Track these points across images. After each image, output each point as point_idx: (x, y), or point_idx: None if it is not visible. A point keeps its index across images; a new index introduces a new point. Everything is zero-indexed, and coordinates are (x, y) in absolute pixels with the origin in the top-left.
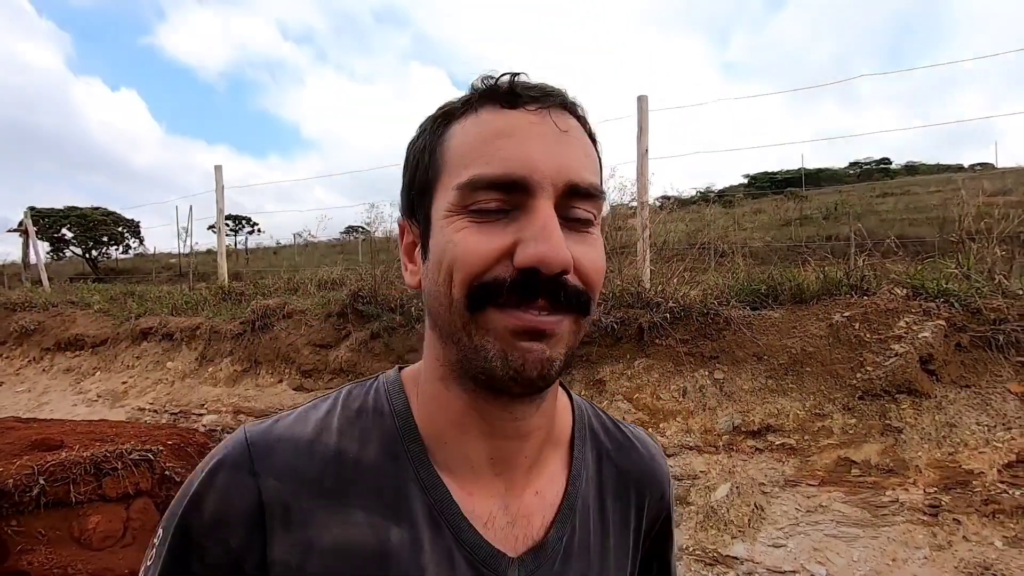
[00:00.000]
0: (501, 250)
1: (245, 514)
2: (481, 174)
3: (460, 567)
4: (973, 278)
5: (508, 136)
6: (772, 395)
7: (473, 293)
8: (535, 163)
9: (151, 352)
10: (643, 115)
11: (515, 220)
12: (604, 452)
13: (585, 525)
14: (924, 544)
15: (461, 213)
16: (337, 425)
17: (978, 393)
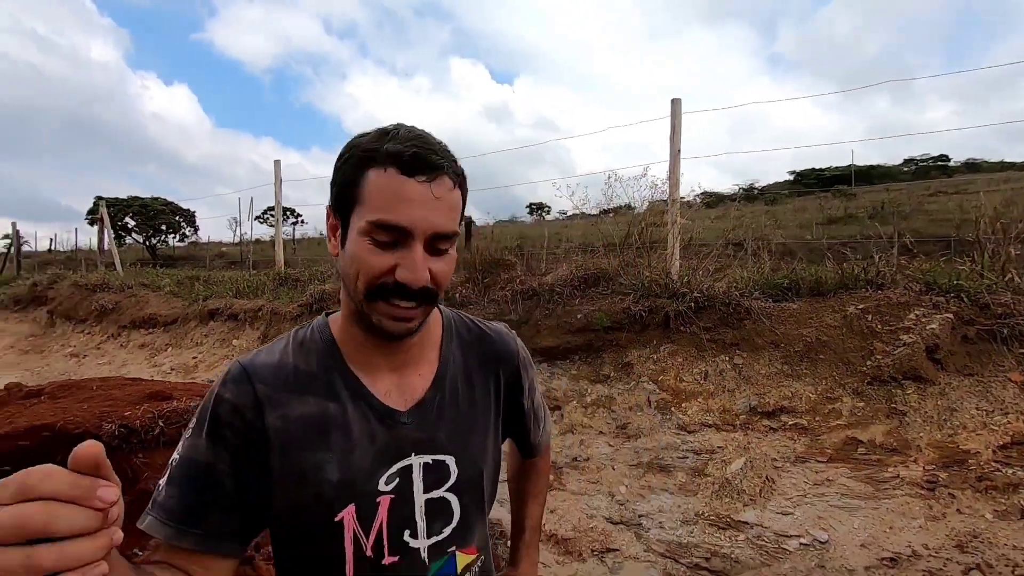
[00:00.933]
0: (388, 267)
1: (250, 403)
2: (383, 219)
3: (372, 419)
4: (986, 275)
5: (403, 200)
6: (787, 379)
7: (369, 291)
8: (416, 222)
9: (217, 331)
10: (676, 117)
11: (399, 249)
12: (465, 343)
13: (454, 390)
14: (920, 515)
15: (367, 236)
16: (291, 351)
17: (980, 381)
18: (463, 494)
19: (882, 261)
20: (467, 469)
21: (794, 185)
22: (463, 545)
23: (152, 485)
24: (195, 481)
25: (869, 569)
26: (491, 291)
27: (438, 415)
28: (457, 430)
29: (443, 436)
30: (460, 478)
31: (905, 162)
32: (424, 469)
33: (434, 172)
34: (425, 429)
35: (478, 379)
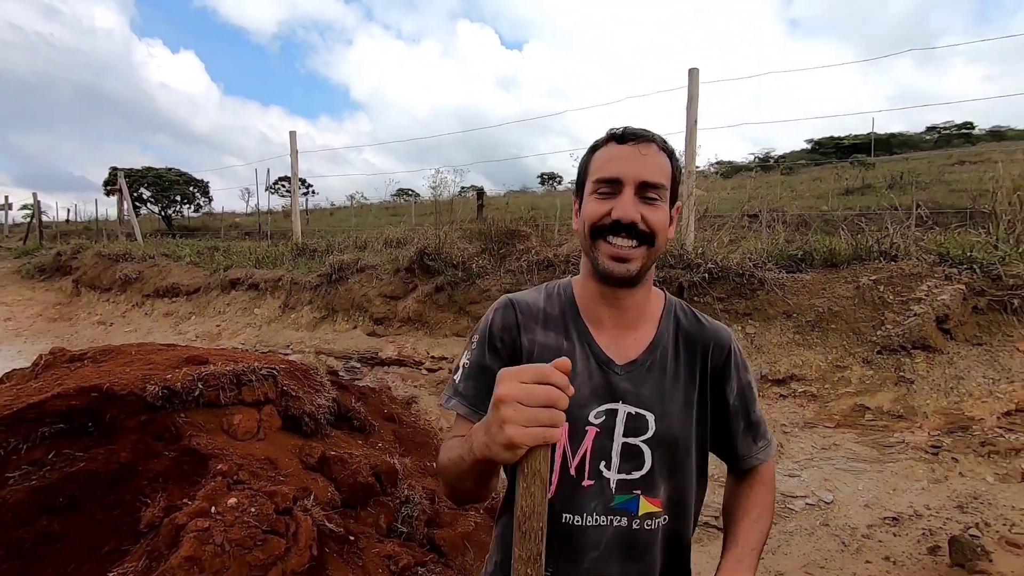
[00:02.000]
0: (606, 211)
1: (514, 324)
2: (600, 176)
3: (592, 362)
4: (1000, 247)
5: (616, 159)
6: (798, 348)
7: (593, 230)
8: (624, 172)
9: (239, 300)
10: (694, 87)
11: (614, 198)
12: (680, 324)
13: (664, 359)
14: (923, 478)
15: (592, 195)
16: (543, 298)
17: (988, 350)
18: (656, 448)
19: (896, 232)
20: (663, 427)
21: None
22: (648, 493)
23: (195, 443)
24: (481, 378)
25: (871, 527)
26: (507, 261)
27: (646, 375)
28: (660, 393)
29: (647, 394)
30: (656, 433)
31: (927, 130)
32: (627, 417)
33: (640, 138)
34: (634, 383)
35: (686, 357)
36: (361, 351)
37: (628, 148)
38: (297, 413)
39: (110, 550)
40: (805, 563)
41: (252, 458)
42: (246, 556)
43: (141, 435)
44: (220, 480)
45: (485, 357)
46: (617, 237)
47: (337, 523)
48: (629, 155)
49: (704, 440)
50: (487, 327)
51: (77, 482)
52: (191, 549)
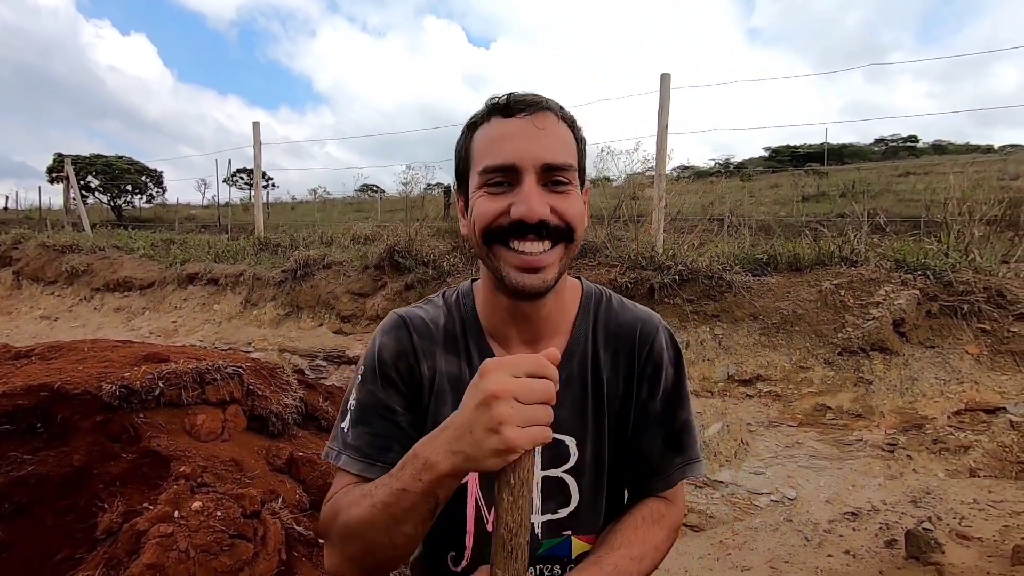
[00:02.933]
0: (502, 209)
1: (410, 350)
2: (489, 164)
3: None
4: (951, 254)
5: (505, 138)
6: (764, 350)
7: (486, 235)
8: (521, 155)
9: (197, 295)
10: (666, 92)
11: (512, 190)
12: (599, 322)
13: (582, 369)
14: (880, 474)
15: (481, 188)
16: (442, 313)
17: (940, 353)
18: (581, 477)
19: (856, 239)
20: (587, 452)
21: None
22: (580, 532)
23: (155, 444)
24: (376, 420)
25: (832, 522)
26: (478, 260)
27: (562, 393)
28: (580, 411)
29: (565, 416)
30: (580, 460)
31: (876, 142)
32: (543, 447)
33: (534, 107)
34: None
35: (607, 359)
36: (327, 349)
37: (519, 122)
38: (264, 413)
39: (63, 558)
40: (770, 558)
41: (217, 460)
42: (212, 562)
43: (96, 436)
44: (183, 483)
45: (379, 393)
46: (523, 241)
47: (306, 526)
48: (522, 131)
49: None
50: (375, 356)
51: (26, 486)
52: (153, 556)
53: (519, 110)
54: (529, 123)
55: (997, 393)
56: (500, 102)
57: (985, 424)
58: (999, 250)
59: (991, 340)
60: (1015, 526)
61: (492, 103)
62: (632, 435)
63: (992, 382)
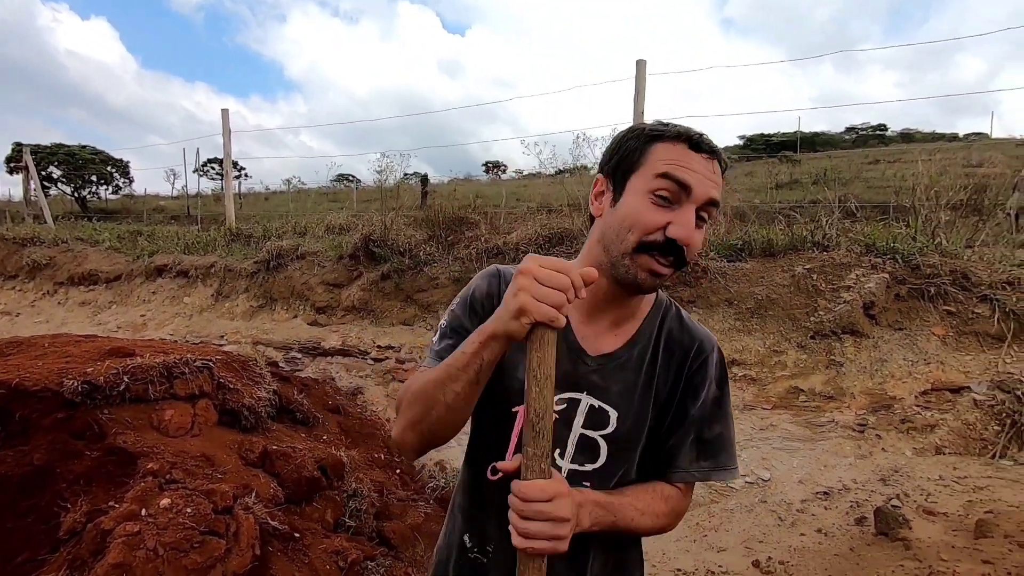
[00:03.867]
0: (663, 223)
1: (496, 292)
2: (672, 172)
3: (563, 348)
4: (918, 238)
5: (692, 165)
6: (739, 334)
7: (641, 243)
8: (698, 184)
9: (167, 288)
10: (641, 79)
11: (673, 210)
12: (665, 326)
13: (640, 358)
14: (850, 454)
15: (648, 193)
16: None
17: (908, 335)
18: (613, 445)
19: (828, 224)
20: (625, 427)
21: (743, 150)
22: (598, 486)
23: (121, 441)
24: (456, 337)
25: (805, 502)
26: (455, 249)
27: (618, 371)
28: (628, 392)
29: (615, 390)
30: (616, 431)
31: (847, 130)
32: (589, 409)
33: (714, 154)
34: (603, 377)
35: (664, 358)
36: (302, 341)
37: (703, 160)
38: (235, 407)
39: (24, 560)
40: (745, 539)
41: (186, 456)
42: (182, 560)
43: (58, 434)
44: (151, 480)
45: (463, 319)
46: (664, 258)
47: (281, 520)
48: (703, 167)
49: (657, 441)
50: (471, 292)
51: None
52: (119, 555)
53: (705, 152)
54: (708, 165)
55: (962, 373)
56: (693, 136)
57: (950, 403)
58: (964, 234)
59: (956, 321)
60: (978, 500)
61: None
62: (666, 429)
63: (957, 362)
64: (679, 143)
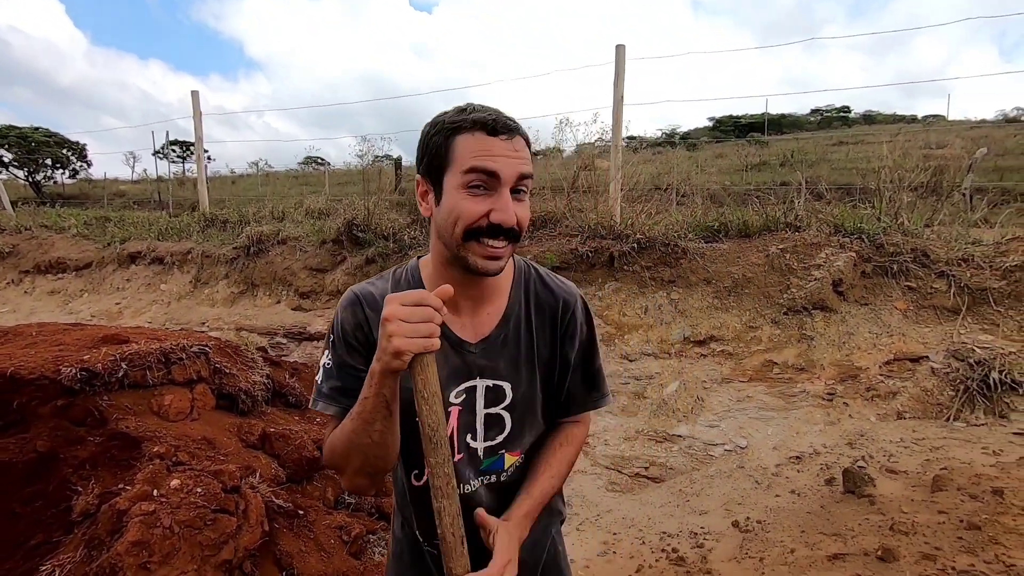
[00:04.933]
0: (484, 211)
1: (364, 321)
2: (478, 165)
3: (447, 346)
4: (882, 219)
5: (491, 152)
6: (716, 312)
7: (467, 232)
8: (504, 168)
9: (141, 275)
10: (620, 63)
11: (490, 196)
12: (530, 292)
13: (516, 329)
14: (820, 421)
15: (463, 188)
16: (390, 286)
17: (873, 309)
18: (514, 412)
19: (800, 206)
20: (519, 395)
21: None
22: (510, 449)
23: (123, 427)
24: (342, 375)
25: (779, 466)
26: (433, 238)
27: (501, 348)
28: (514, 364)
29: (503, 366)
30: (513, 400)
31: (812, 112)
32: (486, 390)
33: (512, 132)
34: (489, 358)
35: (537, 322)
36: (287, 326)
37: (502, 142)
38: (232, 391)
39: (39, 543)
40: (725, 502)
41: (188, 439)
42: (197, 537)
43: (58, 421)
44: (158, 463)
45: (345, 357)
46: (495, 240)
47: (284, 499)
48: (504, 150)
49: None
50: (340, 328)
51: None
52: (138, 533)
53: (502, 132)
54: (509, 145)
55: (921, 344)
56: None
57: (910, 372)
58: (924, 214)
59: (916, 296)
60: (935, 459)
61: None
62: (559, 379)
63: (917, 334)
64: (477, 131)
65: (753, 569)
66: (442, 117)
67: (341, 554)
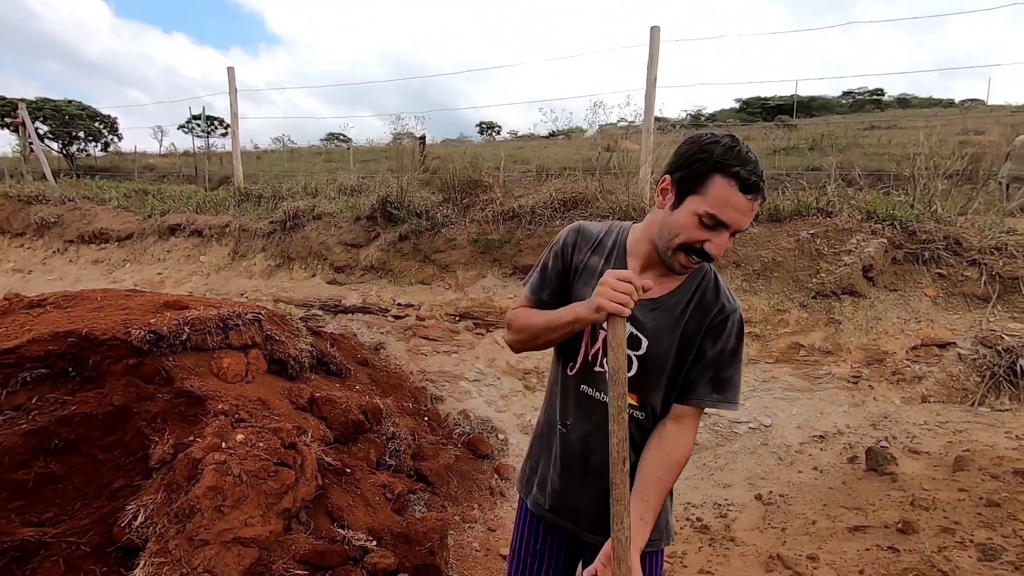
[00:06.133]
0: (702, 240)
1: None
2: (717, 215)
3: None
4: (916, 206)
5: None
6: (745, 294)
7: (680, 247)
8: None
9: (181, 247)
10: (654, 45)
11: (713, 231)
12: (700, 288)
13: (674, 308)
14: (845, 403)
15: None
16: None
17: (902, 295)
18: (641, 363)
19: (833, 192)
20: (651, 352)
21: (739, 113)
22: (630, 391)
23: (188, 386)
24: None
25: (802, 444)
26: (471, 211)
27: (655, 312)
28: (659, 329)
29: (650, 326)
30: (645, 353)
31: (844, 94)
32: (630, 335)
33: (758, 194)
34: (643, 315)
35: (693, 311)
36: (323, 299)
37: (746, 202)
38: (283, 356)
39: (121, 486)
40: (748, 476)
41: (245, 399)
42: (262, 486)
43: (130, 379)
44: (223, 419)
45: (550, 261)
46: (697, 258)
47: (333, 457)
48: (743, 208)
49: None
50: (560, 242)
51: (71, 425)
52: (213, 480)
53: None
54: (750, 205)
55: (949, 330)
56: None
57: (937, 357)
58: (958, 202)
59: (946, 283)
60: (958, 442)
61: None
62: (689, 364)
63: (945, 320)
64: (733, 182)
65: (775, 538)
66: (712, 146)
67: (386, 510)
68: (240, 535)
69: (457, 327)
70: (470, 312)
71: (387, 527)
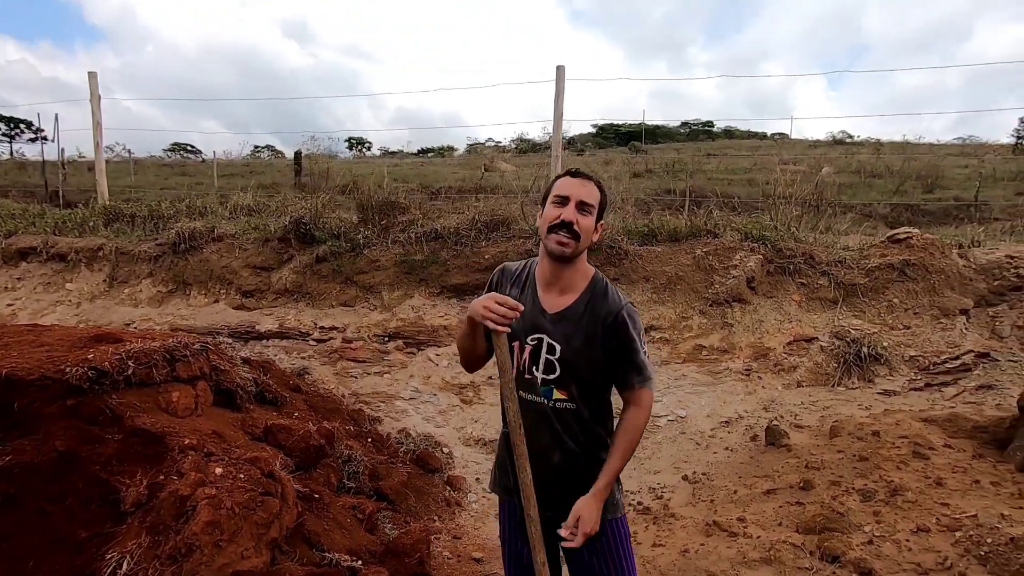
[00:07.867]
0: (558, 215)
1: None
2: (558, 193)
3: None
4: (779, 228)
5: (568, 185)
6: (655, 305)
7: (549, 227)
8: (571, 192)
9: (37, 274)
10: (560, 82)
11: (563, 206)
12: (595, 295)
13: (576, 315)
14: (741, 392)
15: (551, 204)
16: (521, 267)
17: (776, 301)
18: (562, 364)
19: (719, 217)
20: (565, 354)
21: (596, 137)
22: (558, 388)
23: (141, 423)
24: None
25: (713, 430)
26: (391, 232)
27: (562, 322)
28: (567, 335)
29: (559, 334)
30: (561, 356)
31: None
32: (547, 344)
33: (584, 176)
34: (554, 325)
35: (589, 316)
36: (232, 325)
37: (576, 180)
38: (230, 387)
39: (88, 536)
40: (673, 461)
41: (201, 433)
42: (252, 516)
43: (70, 421)
44: (194, 454)
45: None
46: (561, 232)
47: (301, 485)
48: (576, 184)
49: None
50: (490, 282)
51: (10, 477)
52: (209, 514)
53: (578, 175)
54: (580, 181)
55: (812, 328)
56: (573, 170)
57: (805, 349)
58: (808, 224)
59: (807, 290)
60: (827, 415)
61: (569, 170)
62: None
63: (809, 320)
64: (565, 176)
65: (707, 509)
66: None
67: (360, 531)
68: (238, 568)
69: (387, 347)
70: (400, 332)
71: (364, 547)
